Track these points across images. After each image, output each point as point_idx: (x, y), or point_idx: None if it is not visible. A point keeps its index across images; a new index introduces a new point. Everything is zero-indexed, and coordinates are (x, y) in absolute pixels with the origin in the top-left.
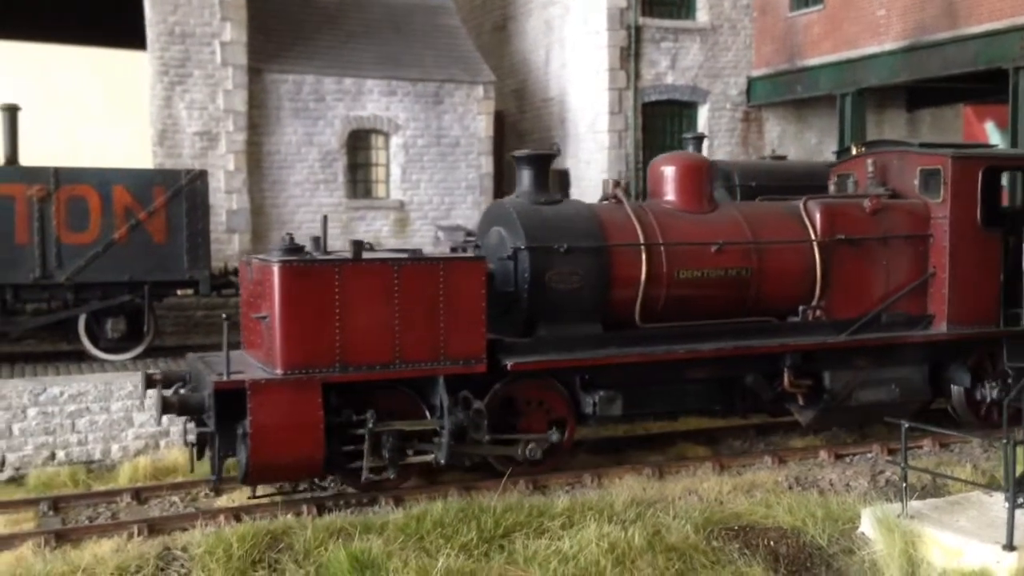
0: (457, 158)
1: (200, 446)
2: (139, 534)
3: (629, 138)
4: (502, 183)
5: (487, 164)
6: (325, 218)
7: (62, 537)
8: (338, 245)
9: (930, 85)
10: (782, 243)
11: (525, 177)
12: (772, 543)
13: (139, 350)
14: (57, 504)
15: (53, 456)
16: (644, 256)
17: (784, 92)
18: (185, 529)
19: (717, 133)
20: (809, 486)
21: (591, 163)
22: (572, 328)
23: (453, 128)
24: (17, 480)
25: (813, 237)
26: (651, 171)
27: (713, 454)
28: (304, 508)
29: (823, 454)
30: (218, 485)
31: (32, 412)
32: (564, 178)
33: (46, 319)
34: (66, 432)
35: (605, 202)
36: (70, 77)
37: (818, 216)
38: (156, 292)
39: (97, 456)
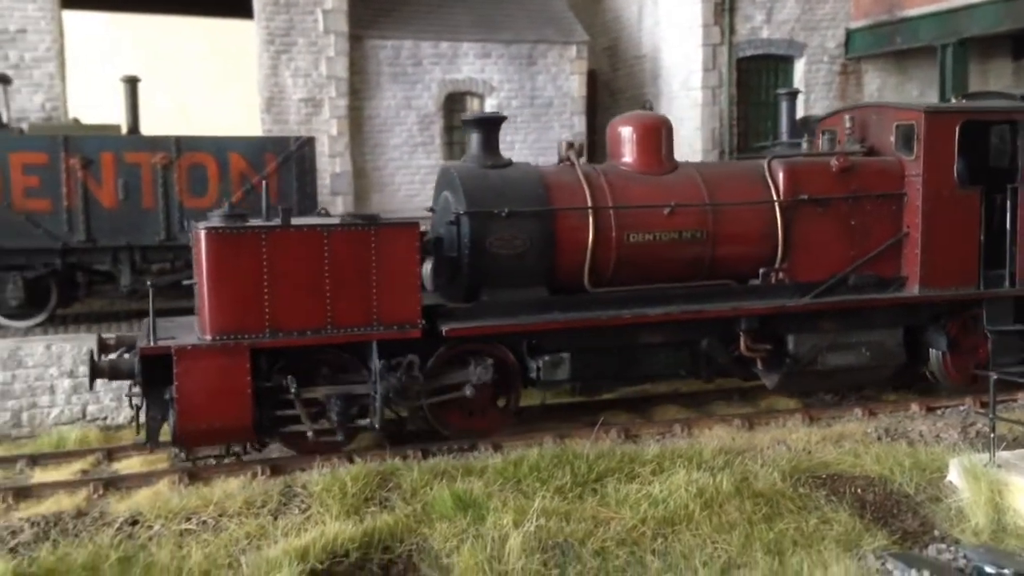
0: (551, 118)
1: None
2: (262, 473)
3: (723, 94)
4: (595, 142)
5: (580, 124)
6: (264, 181)
7: (194, 476)
8: None
9: None
10: (738, 205)
11: (474, 140)
12: (859, 490)
13: None
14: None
15: None
16: (591, 220)
17: (883, 44)
18: (304, 469)
19: (814, 87)
20: (898, 437)
21: (684, 120)
22: (516, 293)
23: (547, 88)
24: None
25: (775, 198)
26: (609, 132)
27: (803, 406)
28: (410, 452)
29: (914, 407)
30: (153, 449)
31: None
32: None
33: (170, 278)
34: None
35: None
36: (182, 46)
37: (781, 176)
38: None
39: None
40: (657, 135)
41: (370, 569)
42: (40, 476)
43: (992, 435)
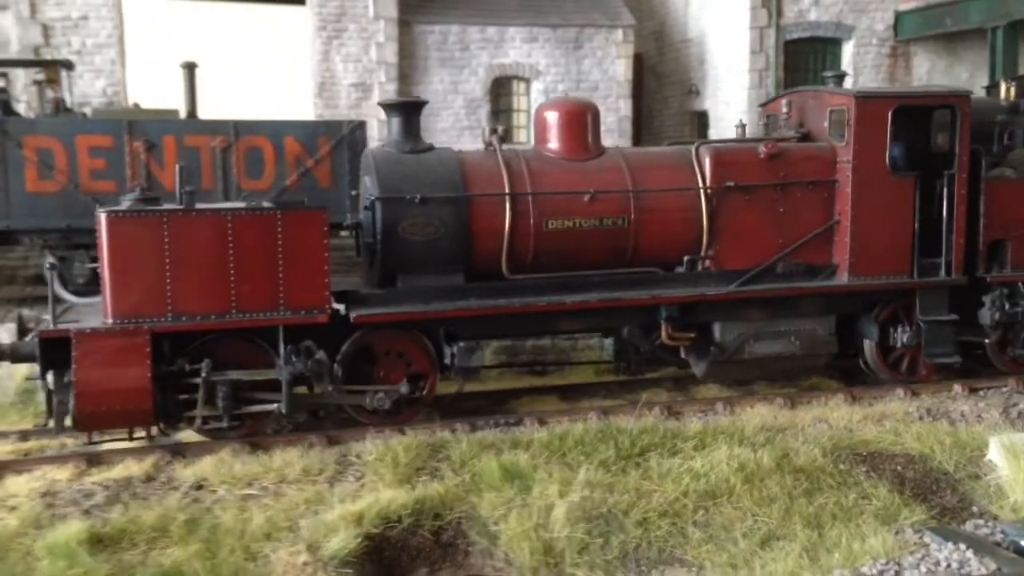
0: (596, 102)
1: None
2: (319, 443)
3: (770, 77)
4: (641, 126)
5: (626, 107)
6: (182, 168)
7: (255, 445)
8: None
9: None
10: (661, 191)
11: (394, 125)
12: (899, 467)
13: None
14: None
15: None
16: (508, 206)
17: (933, 26)
18: (358, 440)
19: (862, 70)
20: (940, 417)
21: (731, 104)
22: (431, 279)
23: (592, 72)
24: None
25: (701, 184)
26: (535, 117)
27: (845, 387)
28: (458, 425)
29: (957, 387)
30: (57, 433)
31: None
32: (702, 120)
33: None
34: None
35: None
36: (227, 32)
37: (708, 162)
38: None
39: None
40: (582, 120)
41: (421, 535)
42: (110, 444)
43: None
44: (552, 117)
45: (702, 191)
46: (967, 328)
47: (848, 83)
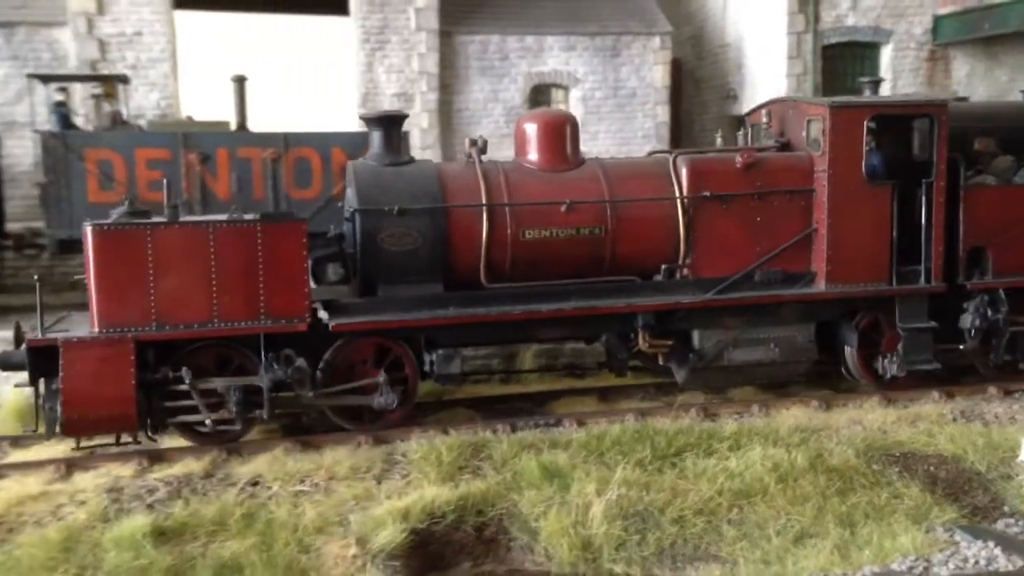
0: (634, 108)
1: None
2: (367, 442)
3: (808, 82)
4: (679, 132)
5: (663, 113)
6: (168, 179)
7: (306, 444)
8: None
9: None
10: (637, 201)
11: (376, 138)
12: (932, 468)
13: None
14: (299, 419)
15: None
16: (485, 216)
17: (972, 30)
18: (404, 440)
19: (901, 74)
20: (974, 418)
21: None
22: (410, 289)
23: (630, 79)
24: None
25: (678, 194)
26: (515, 129)
27: (880, 389)
28: (499, 426)
29: (992, 389)
30: (48, 438)
31: None
32: (742, 125)
33: None
34: None
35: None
36: (274, 44)
37: (685, 172)
38: None
39: None
40: (560, 132)
41: (464, 530)
42: (169, 443)
43: None
44: (531, 129)
45: (679, 201)
46: (947, 335)
47: (886, 88)
